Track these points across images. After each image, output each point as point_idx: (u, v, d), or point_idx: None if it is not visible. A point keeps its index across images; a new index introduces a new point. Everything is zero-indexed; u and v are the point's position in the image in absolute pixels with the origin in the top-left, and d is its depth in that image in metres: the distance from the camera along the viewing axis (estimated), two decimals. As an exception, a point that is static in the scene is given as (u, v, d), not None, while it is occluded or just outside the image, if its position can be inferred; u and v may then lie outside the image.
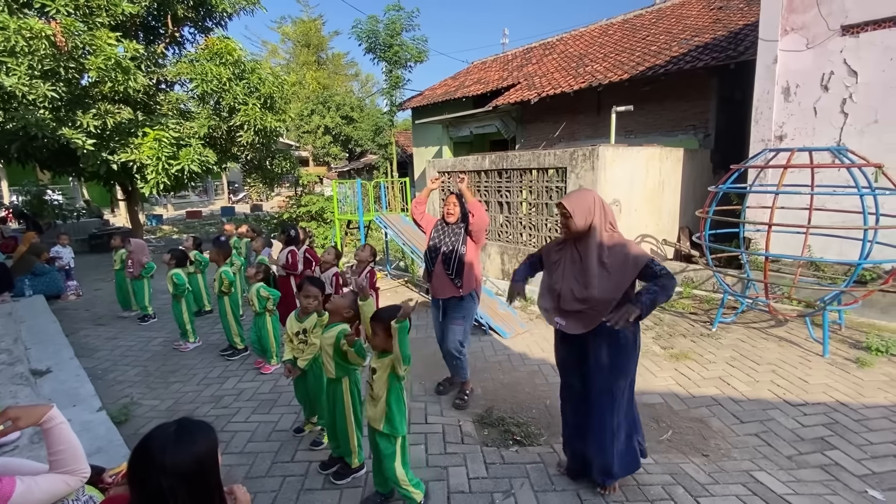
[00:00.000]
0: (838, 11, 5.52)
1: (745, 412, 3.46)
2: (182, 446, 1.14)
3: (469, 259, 3.51)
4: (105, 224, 15.28)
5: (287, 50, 33.02)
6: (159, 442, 1.14)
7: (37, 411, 1.48)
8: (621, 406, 2.36)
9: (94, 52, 7.51)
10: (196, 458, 1.15)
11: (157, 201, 24.21)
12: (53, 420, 1.49)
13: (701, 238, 5.13)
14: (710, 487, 2.54)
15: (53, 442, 1.48)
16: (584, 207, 2.30)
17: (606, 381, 2.33)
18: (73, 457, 1.49)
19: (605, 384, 2.33)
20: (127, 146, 8.50)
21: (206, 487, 1.18)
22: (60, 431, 1.49)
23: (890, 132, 5.31)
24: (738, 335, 4.93)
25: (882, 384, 3.74)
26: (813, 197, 5.03)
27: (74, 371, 4.07)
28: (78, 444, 1.52)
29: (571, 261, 2.38)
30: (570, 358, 2.48)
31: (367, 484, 2.62)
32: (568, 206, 2.31)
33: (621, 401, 2.36)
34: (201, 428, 1.22)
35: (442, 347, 3.73)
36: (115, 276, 6.50)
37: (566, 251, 2.43)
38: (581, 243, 2.35)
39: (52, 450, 1.48)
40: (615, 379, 2.32)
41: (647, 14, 12.99)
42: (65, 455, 1.48)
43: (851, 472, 2.72)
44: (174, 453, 1.12)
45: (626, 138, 9.57)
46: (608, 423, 2.35)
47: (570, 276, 2.35)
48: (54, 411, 1.51)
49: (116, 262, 6.42)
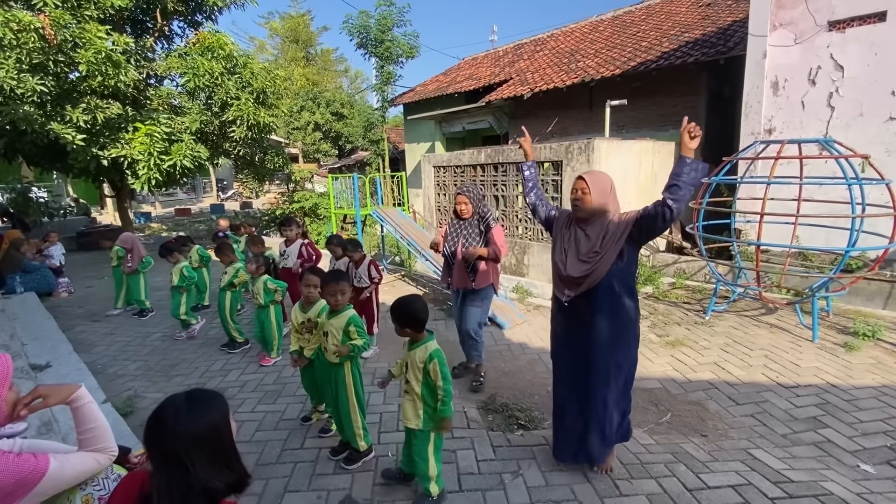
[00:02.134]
0: (825, 7, 5.67)
1: (741, 395, 3.57)
2: (195, 413, 1.18)
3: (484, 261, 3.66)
4: (93, 222, 15.05)
5: (275, 46, 32.73)
6: (171, 410, 1.18)
7: (66, 389, 1.51)
8: (619, 382, 2.40)
9: (84, 45, 7.39)
10: (210, 423, 1.19)
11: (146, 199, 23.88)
12: (82, 399, 1.51)
13: (694, 229, 5.25)
14: (710, 465, 2.63)
15: (83, 421, 1.50)
16: (602, 188, 2.29)
17: (606, 353, 2.34)
18: (103, 435, 1.51)
19: (605, 356, 2.35)
20: (117, 141, 8.40)
21: (223, 448, 1.21)
22: (89, 410, 1.51)
23: (874, 125, 5.48)
24: (731, 323, 5.06)
25: (870, 366, 3.89)
26: (801, 188, 5.17)
27: (75, 365, 4.04)
28: (106, 423, 1.55)
29: (575, 240, 2.38)
30: (569, 330, 2.47)
31: (378, 468, 2.67)
32: (589, 181, 2.28)
33: (619, 377, 2.39)
34: (212, 395, 1.26)
35: (460, 330, 3.92)
36: (114, 273, 6.39)
37: (571, 228, 2.43)
38: (590, 226, 2.34)
39: (82, 428, 1.50)
40: (615, 351, 2.34)
41: (637, 10, 13.14)
42: (94, 433, 1.50)
43: (844, 449, 2.84)
44: (187, 420, 1.16)
45: (618, 133, 9.69)
46: (605, 395, 2.38)
47: (572, 254, 2.36)
48: (83, 390, 1.53)
49: (113, 258, 6.31)
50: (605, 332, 2.33)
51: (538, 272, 6.66)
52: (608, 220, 2.30)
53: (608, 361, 2.36)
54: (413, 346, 2.31)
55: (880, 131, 5.42)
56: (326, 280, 3.02)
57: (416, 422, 2.28)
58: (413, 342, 2.32)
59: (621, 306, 2.32)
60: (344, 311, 2.68)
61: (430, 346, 2.27)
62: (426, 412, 2.27)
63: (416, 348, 2.29)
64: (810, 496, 2.29)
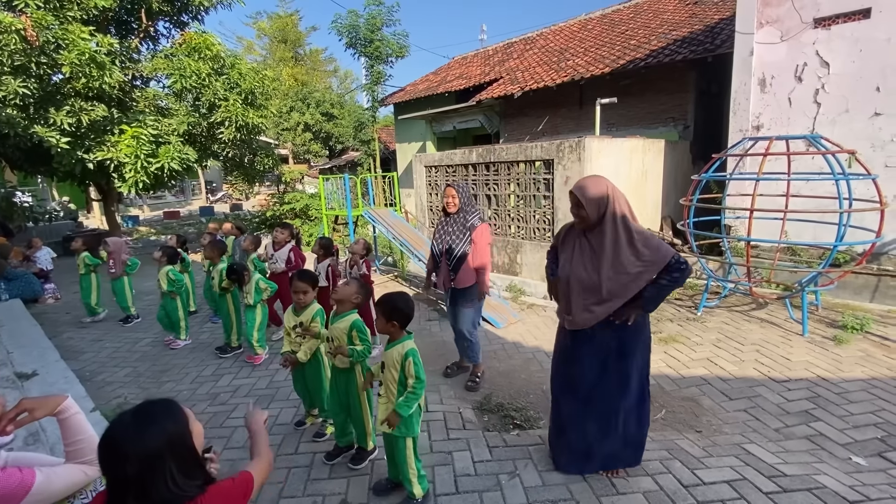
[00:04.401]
0: (810, 4, 5.73)
1: (733, 390, 3.60)
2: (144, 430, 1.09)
3: (469, 260, 3.69)
4: (79, 226, 14.80)
5: (263, 46, 32.44)
6: (119, 431, 1.09)
7: (52, 401, 1.47)
8: (633, 391, 2.35)
9: (67, 46, 7.26)
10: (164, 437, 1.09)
11: (133, 202, 23.55)
12: (69, 410, 1.47)
13: (685, 225, 5.29)
14: (704, 460, 2.64)
15: (70, 432, 1.46)
16: (597, 197, 2.14)
17: (620, 365, 2.29)
18: (91, 447, 1.47)
19: (618, 368, 2.30)
20: (103, 144, 8.27)
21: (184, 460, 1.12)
22: (77, 421, 1.47)
23: (860, 121, 5.55)
24: (723, 318, 5.10)
25: (859, 359, 3.94)
26: (790, 183, 5.23)
27: (62, 373, 3.96)
28: (94, 434, 1.51)
29: (580, 250, 2.28)
30: (577, 345, 2.38)
31: (374, 472, 2.65)
32: (580, 196, 2.15)
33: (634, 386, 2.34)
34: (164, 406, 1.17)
35: (455, 330, 3.94)
36: (81, 282, 5.94)
37: (575, 238, 2.33)
38: (594, 235, 2.21)
39: (69, 440, 1.46)
40: (628, 363, 2.29)
41: (625, 9, 13.21)
42: (82, 445, 1.47)
43: (835, 441, 2.87)
44: (136, 440, 1.07)
45: (609, 131, 9.74)
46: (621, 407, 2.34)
47: (578, 266, 2.26)
48: (69, 401, 1.49)
49: (81, 266, 5.87)
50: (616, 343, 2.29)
51: (531, 271, 6.67)
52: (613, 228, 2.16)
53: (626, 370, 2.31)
54: (390, 345, 2.32)
55: (866, 127, 5.50)
56: (295, 278, 3.01)
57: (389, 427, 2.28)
58: (391, 341, 2.33)
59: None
60: (347, 316, 2.64)
61: (406, 345, 2.27)
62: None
63: (393, 347, 2.29)
64: (804, 489, 2.30)
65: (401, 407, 2.20)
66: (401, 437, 2.28)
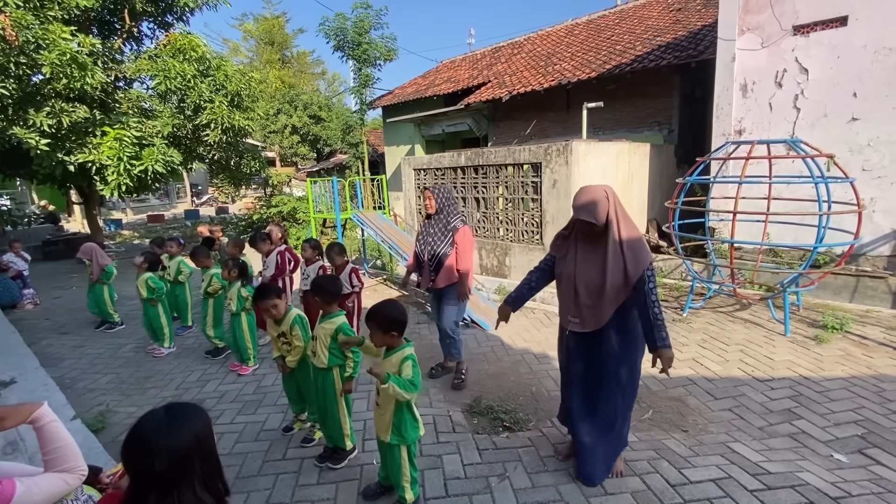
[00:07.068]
0: (790, 12, 5.87)
1: (719, 389, 3.65)
2: (177, 427, 1.11)
3: (449, 261, 3.77)
4: (59, 230, 14.48)
5: (250, 48, 32.21)
6: (152, 426, 1.11)
7: (24, 409, 1.43)
8: (627, 389, 2.46)
9: (48, 46, 7.11)
10: (194, 436, 1.13)
11: (116, 205, 23.12)
12: (44, 418, 1.44)
13: (671, 227, 5.36)
14: (691, 459, 2.68)
15: (47, 440, 1.42)
16: (601, 209, 2.27)
17: (615, 366, 2.40)
18: (70, 454, 1.44)
19: (614, 369, 2.40)
20: (85, 146, 8.10)
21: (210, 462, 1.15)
22: (53, 429, 1.44)
23: (838, 125, 5.69)
24: (708, 319, 5.18)
25: (839, 358, 4.03)
26: (771, 186, 5.34)
27: (41, 381, 3.87)
28: (73, 442, 1.47)
29: (583, 254, 2.38)
30: (578, 348, 2.50)
31: (363, 476, 2.63)
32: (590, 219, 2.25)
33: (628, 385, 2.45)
34: (193, 407, 1.20)
35: (439, 327, 4.00)
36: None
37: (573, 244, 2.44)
38: (597, 238, 2.33)
39: (47, 448, 1.43)
40: (622, 364, 2.40)
41: (611, 14, 13.40)
42: (60, 453, 1.43)
43: (817, 439, 2.93)
44: (170, 435, 1.09)
45: (595, 134, 9.84)
46: (615, 405, 2.44)
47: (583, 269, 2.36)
48: (43, 409, 1.45)
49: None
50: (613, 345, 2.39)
51: (520, 273, 6.70)
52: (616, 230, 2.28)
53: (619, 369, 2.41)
54: (389, 353, 2.26)
55: (843, 131, 5.64)
56: (256, 296, 2.95)
57: (385, 435, 2.25)
58: (390, 349, 2.27)
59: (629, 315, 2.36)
60: (335, 317, 2.64)
61: (406, 352, 2.21)
62: (395, 424, 2.23)
63: (393, 354, 2.24)
64: (788, 487, 2.35)
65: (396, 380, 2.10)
66: (396, 445, 2.25)
